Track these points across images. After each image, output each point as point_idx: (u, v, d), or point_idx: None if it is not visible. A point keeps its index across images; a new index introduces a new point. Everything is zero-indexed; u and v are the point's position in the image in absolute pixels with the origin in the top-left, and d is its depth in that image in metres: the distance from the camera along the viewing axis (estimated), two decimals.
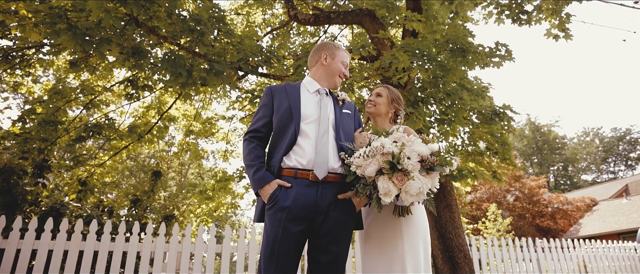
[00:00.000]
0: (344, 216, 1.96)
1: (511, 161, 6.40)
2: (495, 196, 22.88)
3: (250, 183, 2.01)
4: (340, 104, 2.24)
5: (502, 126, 5.47)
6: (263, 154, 2.08)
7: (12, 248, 4.36)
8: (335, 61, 2.27)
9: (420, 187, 1.65)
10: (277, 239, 1.84)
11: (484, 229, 17.92)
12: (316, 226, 1.92)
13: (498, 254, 6.43)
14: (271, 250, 1.84)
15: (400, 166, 1.65)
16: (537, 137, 45.99)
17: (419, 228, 2.01)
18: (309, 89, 2.22)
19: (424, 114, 4.81)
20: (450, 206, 5.80)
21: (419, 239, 1.99)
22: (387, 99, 2.42)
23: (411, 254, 1.94)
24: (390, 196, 1.67)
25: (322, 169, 1.94)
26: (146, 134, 8.67)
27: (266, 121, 2.13)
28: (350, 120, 2.23)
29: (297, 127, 2.01)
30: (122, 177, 20.10)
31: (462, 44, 4.66)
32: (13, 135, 6.36)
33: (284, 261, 1.83)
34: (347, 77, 2.35)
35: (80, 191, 6.95)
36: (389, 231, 2.01)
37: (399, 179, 1.65)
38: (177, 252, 4.94)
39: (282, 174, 1.97)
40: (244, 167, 2.07)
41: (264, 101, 2.19)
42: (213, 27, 5.21)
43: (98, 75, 8.78)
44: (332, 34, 11.17)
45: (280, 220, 1.86)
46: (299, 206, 1.88)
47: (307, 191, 1.91)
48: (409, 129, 2.22)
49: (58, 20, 4.64)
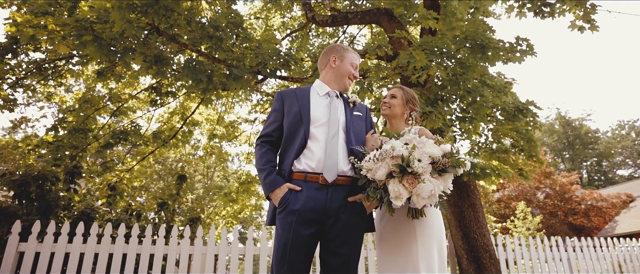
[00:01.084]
0: (354, 218, 1.96)
1: (538, 158, 6.22)
2: (525, 193, 22.22)
3: (262, 187, 2.05)
4: (351, 106, 2.24)
5: (526, 123, 5.32)
6: (274, 158, 2.11)
7: (47, 252, 4.57)
8: (344, 63, 2.27)
9: (432, 190, 1.63)
10: (287, 242, 1.86)
11: (512, 228, 17.45)
12: (326, 229, 1.93)
13: (527, 253, 6.25)
14: (282, 253, 1.86)
15: (410, 168, 1.63)
16: (568, 132, 44.37)
17: (433, 230, 1.98)
18: (319, 92, 2.22)
19: (444, 112, 4.74)
20: (474, 205, 5.68)
21: (433, 241, 1.97)
22: (402, 100, 2.39)
23: (425, 257, 1.92)
24: (401, 200, 1.65)
25: (331, 172, 1.94)
26: (171, 139, 8.91)
27: (277, 125, 2.15)
28: (362, 122, 2.22)
29: (306, 131, 2.03)
30: (151, 181, 20.69)
31: (482, 40, 4.56)
32: (47, 143, 6.66)
33: (295, 264, 1.85)
34: (357, 78, 2.34)
35: (110, 195, 7.21)
36: (403, 234, 1.99)
37: (410, 182, 1.63)
38: (202, 254, 5.05)
39: (293, 178, 1.99)
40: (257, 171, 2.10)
41: (275, 105, 2.22)
42: (231, 33, 5.30)
43: (125, 83, 9.10)
44: (351, 34, 11.14)
45: (290, 223, 1.88)
46: (308, 209, 1.89)
47: (317, 194, 1.92)
48: (424, 130, 2.19)
49: (84, 32, 4.84)
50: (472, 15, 7.36)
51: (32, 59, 7.15)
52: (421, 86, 5.37)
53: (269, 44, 6.03)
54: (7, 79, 6.54)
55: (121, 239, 4.80)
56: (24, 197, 5.16)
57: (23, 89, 7.45)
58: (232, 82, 5.34)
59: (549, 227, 20.68)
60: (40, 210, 5.13)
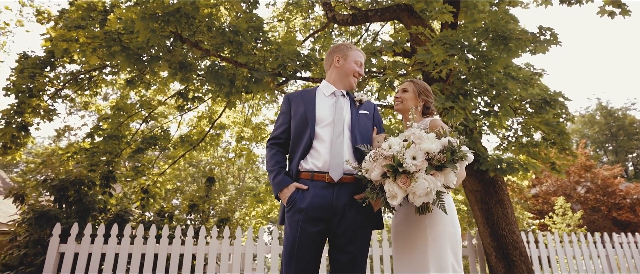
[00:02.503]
0: (360, 216, 1.99)
1: (571, 151, 5.97)
2: (564, 188, 21.27)
3: (272, 188, 2.11)
4: (357, 104, 2.26)
5: (555, 115, 5.12)
6: (283, 159, 2.16)
7: (85, 252, 4.84)
8: (348, 62, 2.29)
9: (428, 188, 1.61)
10: (295, 240, 1.91)
11: (551, 224, 16.75)
12: (333, 227, 1.97)
13: (566, 250, 5.98)
14: (290, 251, 1.91)
15: (402, 168, 1.62)
16: (611, 122, 42.03)
17: (444, 226, 1.94)
18: (325, 93, 2.26)
19: (466, 107, 4.64)
20: (502, 202, 5.53)
21: (445, 238, 1.92)
22: (413, 93, 2.36)
23: (435, 254, 1.88)
24: (396, 199, 1.65)
25: (337, 171, 1.98)
26: (200, 142, 9.17)
27: (285, 127, 2.21)
28: (368, 120, 2.23)
29: (312, 132, 2.07)
30: (185, 184, 21.36)
31: (503, 31, 4.43)
32: (84, 150, 7.04)
33: (303, 262, 1.89)
34: (362, 76, 2.35)
35: (143, 198, 7.53)
36: (414, 231, 1.97)
37: (403, 182, 1.62)
38: (228, 253, 5.19)
39: (300, 177, 2.04)
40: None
41: (283, 108, 2.28)
42: (251, 37, 5.40)
43: (156, 90, 9.46)
44: (373, 31, 11.07)
45: (297, 221, 1.93)
46: (315, 207, 1.94)
47: (323, 192, 1.96)
48: (436, 121, 2.14)
49: (113, 43, 5.08)
50: (498, 5, 7.14)
51: (68, 71, 7.58)
52: (443, 80, 5.28)
53: (289, 46, 6.10)
54: (47, 91, 6.94)
55: (152, 240, 5.01)
56: (64, 202, 5.49)
57: (62, 100, 7.88)
58: (253, 85, 5.44)
59: (590, 223, 19.71)
60: (78, 213, 5.44)
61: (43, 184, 5.66)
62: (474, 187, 5.71)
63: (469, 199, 5.90)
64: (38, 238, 5.20)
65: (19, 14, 21.43)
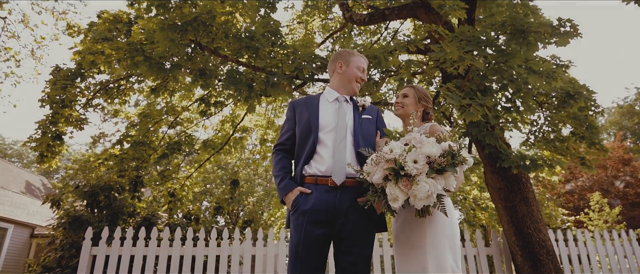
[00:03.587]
0: (363, 219, 2.02)
1: (601, 145, 5.73)
2: (601, 183, 20.37)
3: (278, 192, 2.18)
4: (360, 110, 2.29)
5: (580, 108, 4.93)
6: (288, 164, 2.23)
7: (115, 255, 5.06)
8: (350, 68, 2.33)
9: (429, 191, 1.62)
10: (300, 242, 1.96)
11: (587, 221, 16.08)
12: (337, 229, 2.01)
13: (606, 248, 5.75)
14: (295, 253, 1.97)
15: (404, 171, 1.64)
16: None
17: (443, 228, 1.95)
18: (328, 99, 2.31)
19: (485, 103, 4.54)
20: (527, 199, 5.37)
21: (444, 239, 1.94)
22: (414, 99, 2.40)
23: (434, 255, 1.90)
24: (398, 202, 1.67)
25: (339, 175, 2.03)
26: (224, 146, 9.38)
27: (290, 134, 2.28)
28: (371, 125, 2.27)
29: (315, 137, 2.13)
30: (214, 186, 21.84)
31: (521, 25, 4.31)
32: (113, 156, 7.36)
33: (308, 264, 1.94)
34: (365, 81, 2.38)
35: (170, 201, 7.79)
36: (414, 233, 1.99)
37: (405, 185, 1.64)
38: (251, 254, 5.31)
39: (305, 182, 2.10)
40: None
41: (288, 115, 2.35)
42: (267, 41, 5.49)
43: (181, 96, 9.76)
44: (393, 28, 10.99)
45: (301, 224, 1.99)
46: (318, 210, 1.99)
47: (326, 195, 2.01)
48: (435, 127, 2.17)
49: (135, 53, 5.29)
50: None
51: (98, 81, 7.93)
52: (462, 77, 5.19)
53: (306, 49, 6.15)
54: (78, 101, 7.30)
55: (178, 242, 5.18)
56: (95, 206, 5.77)
57: (93, 108, 8.25)
58: (270, 89, 5.53)
59: (631, 219, 18.78)
60: (108, 217, 5.70)
61: (76, 190, 5.97)
62: (497, 184, 5.58)
63: (493, 197, 5.78)
64: (72, 241, 5.48)
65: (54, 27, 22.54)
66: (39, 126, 6.98)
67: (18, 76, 22.29)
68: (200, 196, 13.65)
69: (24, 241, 15.10)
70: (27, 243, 15.22)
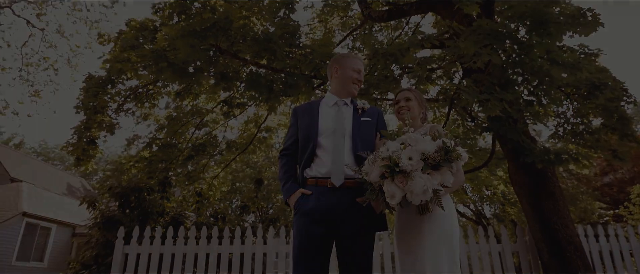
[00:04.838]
0: (363, 218, 2.08)
1: (634, 137, 5.50)
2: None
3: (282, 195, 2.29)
4: (359, 112, 2.34)
5: (608, 99, 4.74)
6: (292, 168, 2.34)
7: (145, 253, 5.31)
8: (344, 70, 2.39)
9: (424, 186, 1.68)
10: (302, 242, 2.05)
11: (627, 215, 15.35)
12: (338, 229, 2.08)
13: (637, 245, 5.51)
14: (298, 252, 2.05)
15: (399, 168, 1.69)
16: None
17: (441, 227, 1.98)
18: (328, 104, 2.38)
19: (504, 97, 4.45)
20: (553, 194, 5.22)
21: (441, 238, 1.97)
22: (417, 101, 2.45)
23: (431, 254, 1.94)
24: (395, 199, 1.72)
25: (338, 177, 2.11)
26: (249, 146, 9.59)
27: (294, 139, 2.38)
28: (371, 127, 2.32)
29: (315, 142, 2.23)
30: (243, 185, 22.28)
31: (541, 15, 4.20)
32: (143, 158, 7.69)
33: (310, 263, 2.01)
34: (361, 81, 2.42)
35: (198, 201, 8.06)
36: (413, 231, 2.04)
37: (401, 181, 1.69)
38: (275, 252, 5.43)
39: (307, 184, 2.19)
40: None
41: (291, 121, 2.46)
42: (285, 43, 5.58)
43: (207, 98, 10.04)
44: (415, 23, 10.84)
45: (303, 224, 2.08)
46: (318, 210, 2.07)
47: (326, 196, 2.10)
48: (435, 127, 2.21)
49: (159, 60, 5.51)
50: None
51: (128, 87, 8.28)
52: (481, 71, 5.10)
53: (324, 48, 6.19)
54: (110, 106, 7.66)
55: (204, 241, 5.38)
56: (126, 207, 6.06)
57: (124, 113, 8.62)
58: (289, 89, 5.63)
59: None
60: (139, 217, 5.98)
61: (108, 192, 6.29)
62: (521, 180, 5.46)
63: (517, 192, 5.65)
64: (107, 239, 5.78)
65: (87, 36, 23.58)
66: (74, 131, 7.38)
67: (56, 84, 23.45)
68: (229, 194, 13.95)
69: (66, 239, 15.98)
70: (68, 242, 16.09)
